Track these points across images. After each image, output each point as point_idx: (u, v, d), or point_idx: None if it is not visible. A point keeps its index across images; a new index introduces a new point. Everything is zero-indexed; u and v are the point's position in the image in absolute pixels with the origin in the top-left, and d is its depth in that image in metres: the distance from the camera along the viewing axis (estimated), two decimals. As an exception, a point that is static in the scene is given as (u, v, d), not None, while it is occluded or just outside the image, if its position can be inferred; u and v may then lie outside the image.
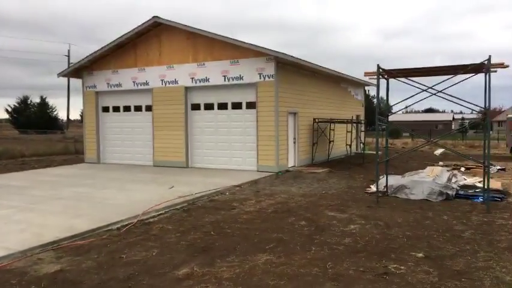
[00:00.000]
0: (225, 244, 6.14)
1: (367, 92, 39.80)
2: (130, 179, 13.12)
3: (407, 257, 5.42)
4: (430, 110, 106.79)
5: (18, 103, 51.88)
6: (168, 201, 9.34)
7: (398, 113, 79.61)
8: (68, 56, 51.49)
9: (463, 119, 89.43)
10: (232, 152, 15.01)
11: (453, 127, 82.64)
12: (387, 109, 10.67)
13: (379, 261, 5.26)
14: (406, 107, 68.48)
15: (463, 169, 15.09)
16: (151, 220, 7.84)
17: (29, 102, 52.46)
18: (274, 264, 5.21)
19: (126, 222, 7.61)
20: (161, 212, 8.54)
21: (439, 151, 22.35)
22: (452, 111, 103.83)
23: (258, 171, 14.19)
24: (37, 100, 52.78)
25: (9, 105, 51.87)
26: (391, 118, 10.52)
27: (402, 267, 5.01)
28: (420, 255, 5.47)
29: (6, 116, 54.88)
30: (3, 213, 8.21)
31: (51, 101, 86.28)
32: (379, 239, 6.27)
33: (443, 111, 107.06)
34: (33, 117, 50.09)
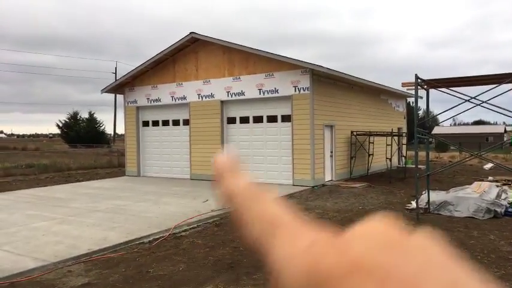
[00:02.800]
0: (252, 261, 5.99)
1: (410, 104, 38.56)
2: (166, 192, 13.30)
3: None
4: (479, 122, 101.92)
5: (68, 118, 54.56)
6: (201, 214, 9.33)
7: (444, 125, 76.51)
8: (115, 73, 53.85)
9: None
10: (267, 165, 14.88)
11: (505, 140, 78.15)
12: (427, 121, 10.18)
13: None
14: (451, 118, 65.68)
15: (514, 184, 14.08)
16: (182, 234, 7.83)
17: (78, 118, 55.05)
18: (301, 283, 4.99)
19: (158, 236, 7.64)
20: (193, 225, 8.53)
21: (488, 165, 21.10)
22: (504, 123, 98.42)
23: (293, 185, 13.95)
24: (86, 115, 55.33)
25: (60, 121, 54.65)
26: (437, 130, 10.01)
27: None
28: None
29: (58, 131, 57.92)
30: (43, 225, 8.51)
31: (99, 117, 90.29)
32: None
33: (495, 123, 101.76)
34: (82, 132, 52.45)
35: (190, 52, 16.38)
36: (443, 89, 8.77)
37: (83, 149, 44.51)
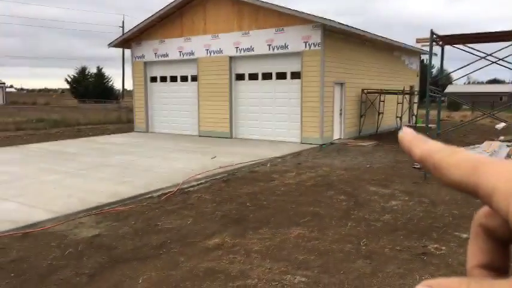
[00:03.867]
0: (259, 216, 6.08)
1: (424, 61, 37.42)
2: (175, 148, 13.39)
3: (451, 237, 5.07)
4: (494, 81, 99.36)
5: (77, 73, 54.36)
6: (209, 171, 9.42)
7: (458, 83, 74.94)
8: (123, 27, 52.82)
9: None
10: (276, 123, 14.81)
11: (520, 99, 76.46)
12: (440, 79, 9.92)
13: (419, 240, 4.96)
14: (466, 75, 64.14)
15: (525, 145, 13.91)
16: (190, 189, 7.94)
17: (86, 73, 54.81)
18: (306, 238, 5.08)
19: (167, 191, 7.76)
20: (201, 181, 8.63)
21: (500, 125, 20.75)
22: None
23: (301, 143, 13.93)
24: (94, 70, 55.04)
25: (68, 76, 54.50)
26: (450, 89, 9.79)
27: (443, 248, 4.69)
28: (465, 235, 5.10)
29: (67, 86, 57.92)
30: (54, 178, 8.67)
31: (107, 72, 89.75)
32: (421, 217, 5.92)
33: (510, 82, 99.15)
34: (90, 87, 52.39)
35: (198, 4, 15.90)
36: (459, 46, 8.46)
37: (92, 104, 44.66)
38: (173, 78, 17.56)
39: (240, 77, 15.55)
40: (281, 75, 14.57)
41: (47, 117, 24.06)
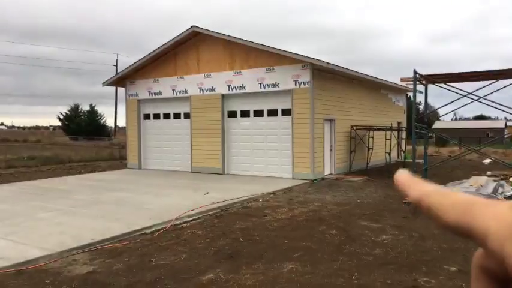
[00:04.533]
0: (252, 251, 6.15)
1: (411, 99, 38.52)
2: (168, 184, 13.45)
3: (440, 270, 5.18)
4: (480, 117, 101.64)
5: (69, 111, 54.62)
6: (202, 207, 9.48)
7: (446, 119, 76.41)
8: (116, 66, 53.75)
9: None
10: (267, 159, 15.02)
11: (505, 135, 78.08)
12: (426, 115, 10.29)
13: (409, 273, 5.07)
14: (452, 112, 65.66)
15: (512, 179, 14.21)
16: (183, 225, 7.98)
17: (79, 110, 55.13)
18: (299, 273, 5.15)
19: (160, 227, 7.79)
20: (194, 217, 8.68)
21: (487, 160, 21.21)
22: (505, 118, 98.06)
23: (293, 178, 14.10)
24: (87, 108, 55.40)
25: (61, 113, 54.75)
26: (438, 125, 10.13)
27: (433, 281, 4.80)
28: (454, 269, 5.22)
29: (59, 123, 58.00)
30: (46, 216, 8.67)
31: (100, 109, 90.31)
32: (411, 251, 6.04)
33: (496, 118, 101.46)
34: (83, 124, 52.56)
35: (191, 46, 16.45)
36: (441, 85, 8.87)
37: (84, 142, 44.63)
38: (166, 116, 17.85)
39: (232, 114, 15.89)
40: (272, 112, 14.93)
41: (38, 154, 24.03)
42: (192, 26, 15.78)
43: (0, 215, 8.68)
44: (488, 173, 15.96)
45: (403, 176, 0.39)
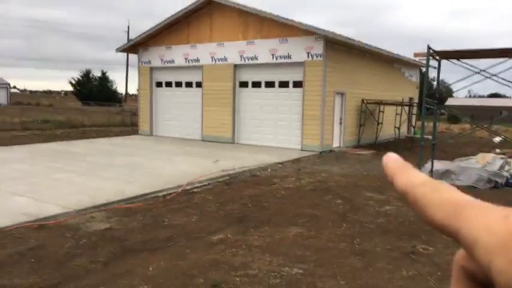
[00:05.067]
0: (260, 216, 6.44)
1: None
2: (179, 151, 13.76)
3: (438, 239, 5.42)
4: (495, 95, 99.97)
5: (81, 76, 55.00)
6: (212, 173, 9.78)
7: (459, 97, 75.33)
8: (128, 32, 53.53)
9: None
10: (277, 129, 15.21)
11: (519, 114, 76.80)
12: (437, 91, 10.33)
13: (409, 241, 5.32)
14: (465, 88, 64.65)
15: (520, 158, 14.26)
16: (194, 190, 8.29)
17: (91, 76, 55.44)
18: (303, 236, 5.43)
19: (172, 191, 8.11)
20: (204, 183, 8.99)
21: (497, 138, 21.16)
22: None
23: (302, 149, 14.31)
24: (98, 74, 55.66)
25: (73, 78, 55.16)
26: (451, 102, 10.18)
27: (431, 248, 5.05)
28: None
29: (70, 88, 58.50)
30: (63, 177, 9.04)
31: (111, 75, 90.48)
32: (412, 221, 6.28)
33: (510, 97, 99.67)
34: (94, 90, 53.01)
35: (204, 14, 16.38)
36: (454, 61, 8.87)
37: (96, 107, 45.15)
38: (178, 84, 17.99)
39: (244, 84, 15.98)
40: (283, 84, 15.00)
41: (52, 118, 24.48)
42: (206, -6, 15.67)
43: (19, 174, 9.07)
44: (497, 150, 15.99)
45: (391, 160, 0.36)
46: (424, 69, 27.43)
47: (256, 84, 15.69)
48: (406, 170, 0.34)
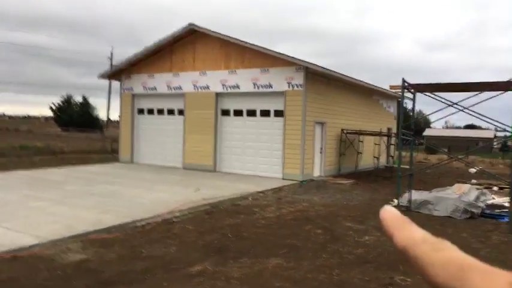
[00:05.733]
0: (240, 246, 6.40)
1: (404, 105, 39.01)
2: (159, 179, 13.65)
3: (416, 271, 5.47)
4: (471, 126, 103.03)
5: (62, 102, 54.40)
6: (193, 202, 9.72)
7: (437, 127, 77.29)
8: (111, 59, 53.66)
9: (505, 136, 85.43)
10: (258, 158, 15.29)
11: (495, 145, 79.25)
12: (413, 123, 10.64)
13: (387, 272, 5.36)
14: (440, 119, 66.55)
15: (496, 188, 14.64)
16: (174, 220, 8.20)
17: (72, 102, 54.90)
18: (283, 267, 5.42)
19: (151, 221, 8.01)
20: (185, 212, 8.90)
21: (473, 169, 21.70)
22: (495, 128, 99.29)
23: (283, 178, 14.38)
24: (80, 99, 55.19)
25: (53, 104, 54.50)
26: (429, 133, 10.47)
27: (408, 280, 5.09)
28: (429, 269, 5.51)
29: (50, 113, 57.70)
30: (39, 205, 8.84)
31: (92, 101, 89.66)
32: (391, 251, 6.33)
33: (486, 128, 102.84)
34: (75, 116, 52.37)
35: (188, 43, 16.64)
36: (428, 94, 9.20)
37: (76, 133, 44.53)
38: (160, 111, 18.02)
39: (226, 112, 16.12)
40: (265, 113, 15.20)
41: (31, 144, 24.03)
42: (189, 24, 15.98)
43: (-6, 202, 8.82)
44: (473, 181, 16.39)
45: (389, 214, 0.35)
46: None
47: (238, 113, 15.85)
48: (405, 225, 0.34)
